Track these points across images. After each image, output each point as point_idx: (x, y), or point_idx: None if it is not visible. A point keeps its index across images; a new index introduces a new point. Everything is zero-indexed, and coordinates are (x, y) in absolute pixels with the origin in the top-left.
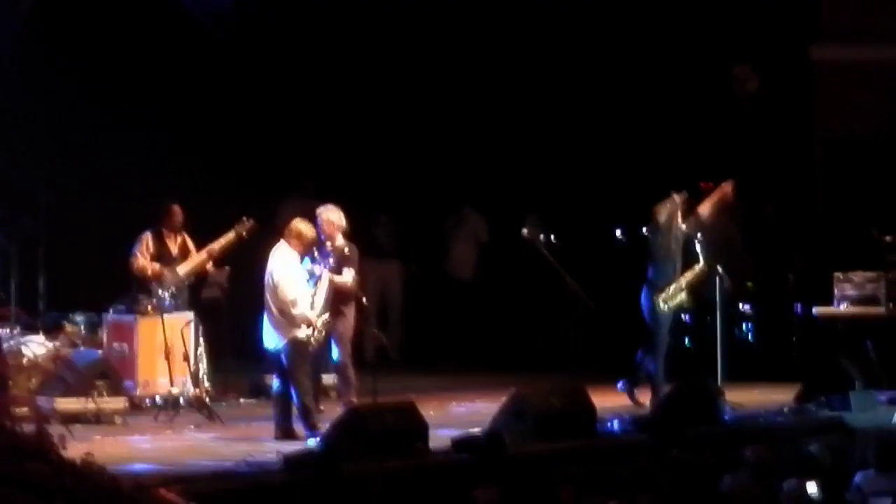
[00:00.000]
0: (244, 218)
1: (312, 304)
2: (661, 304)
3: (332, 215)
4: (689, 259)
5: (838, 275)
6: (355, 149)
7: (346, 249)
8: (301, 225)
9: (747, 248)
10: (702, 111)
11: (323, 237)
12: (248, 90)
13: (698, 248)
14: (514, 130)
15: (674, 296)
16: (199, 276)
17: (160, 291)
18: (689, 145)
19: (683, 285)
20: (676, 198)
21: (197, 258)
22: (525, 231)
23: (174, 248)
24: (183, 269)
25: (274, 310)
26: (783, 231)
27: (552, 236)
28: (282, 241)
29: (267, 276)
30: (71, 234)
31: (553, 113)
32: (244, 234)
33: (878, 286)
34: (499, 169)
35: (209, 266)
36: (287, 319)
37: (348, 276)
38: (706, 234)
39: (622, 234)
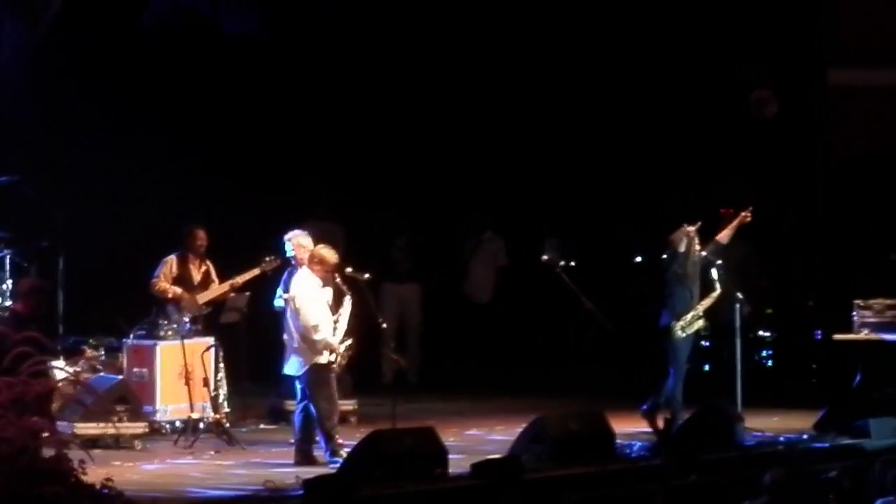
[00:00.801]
0: (270, 256)
1: (335, 329)
2: (679, 331)
3: (304, 240)
4: (707, 284)
5: (858, 301)
6: (376, 171)
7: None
8: (324, 251)
9: (765, 274)
10: (721, 135)
11: (294, 262)
12: (269, 114)
13: (715, 273)
14: (537, 155)
15: (691, 323)
16: (219, 301)
17: (177, 315)
18: (708, 169)
19: (700, 312)
20: (689, 228)
21: (218, 289)
22: (545, 255)
23: (197, 275)
24: (203, 297)
25: (296, 335)
26: (802, 255)
27: (571, 260)
28: (304, 265)
29: (288, 301)
30: (90, 258)
31: (575, 138)
32: (269, 271)
33: None
34: (519, 193)
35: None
36: (308, 345)
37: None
38: (725, 259)
39: (642, 259)
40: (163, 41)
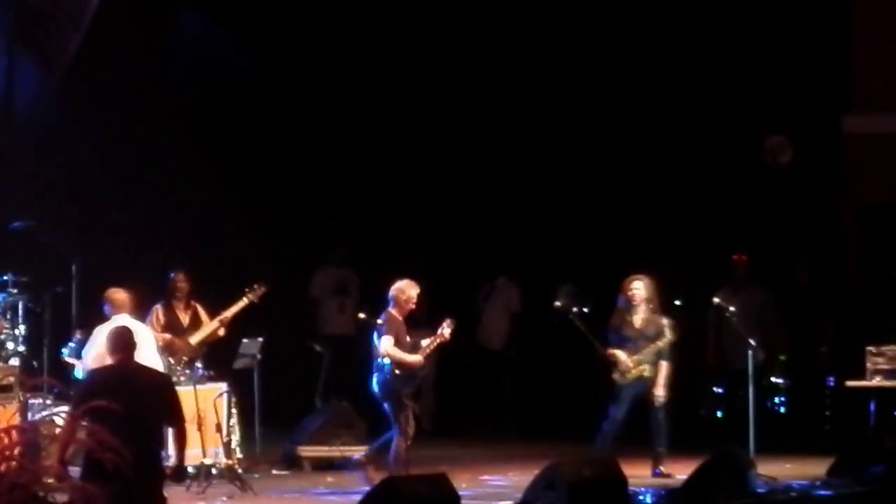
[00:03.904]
0: (255, 284)
1: None
2: (617, 376)
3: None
4: (723, 329)
5: (871, 348)
6: (390, 217)
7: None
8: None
9: (780, 320)
10: (735, 182)
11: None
12: (280, 160)
13: (665, 321)
14: (551, 201)
15: (630, 370)
16: (220, 343)
17: (172, 363)
18: (723, 216)
19: (644, 359)
20: (646, 279)
21: (209, 327)
22: (558, 302)
23: (185, 319)
24: (196, 338)
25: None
26: (815, 302)
27: (585, 307)
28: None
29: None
30: (101, 303)
31: (588, 185)
32: (256, 300)
33: None
34: (534, 239)
35: (222, 334)
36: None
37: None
38: (743, 306)
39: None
40: (178, 84)
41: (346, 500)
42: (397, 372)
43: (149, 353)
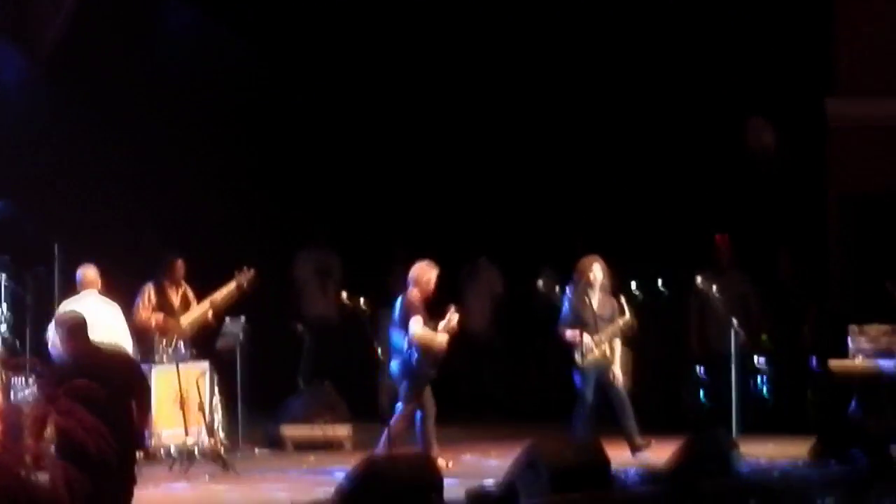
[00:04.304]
0: (245, 267)
1: None
2: (578, 357)
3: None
4: (706, 312)
5: (854, 328)
6: (370, 199)
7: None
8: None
9: (762, 302)
10: (716, 165)
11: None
12: (262, 144)
13: (623, 299)
14: (532, 182)
15: (591, 350)
16: (207, 326)
17: (163, 343)
18: (704, 199)
19: (603, 339)
20: (601, 261)
21: (199, 308)
22: (540, 283)
23: (176, 300)
24: (186, 319)
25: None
26: (798, 284)
27: (567, 289)
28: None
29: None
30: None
31: (569, 166)
32: (244, 283)
33: (893, 339)
34: (515, 221)
35: (211, 316)
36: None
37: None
38: (726, 291)
39: (636, 287)
40: (163, 69)
41: (329, 479)
42: (424, 354)
43: (120, 331)
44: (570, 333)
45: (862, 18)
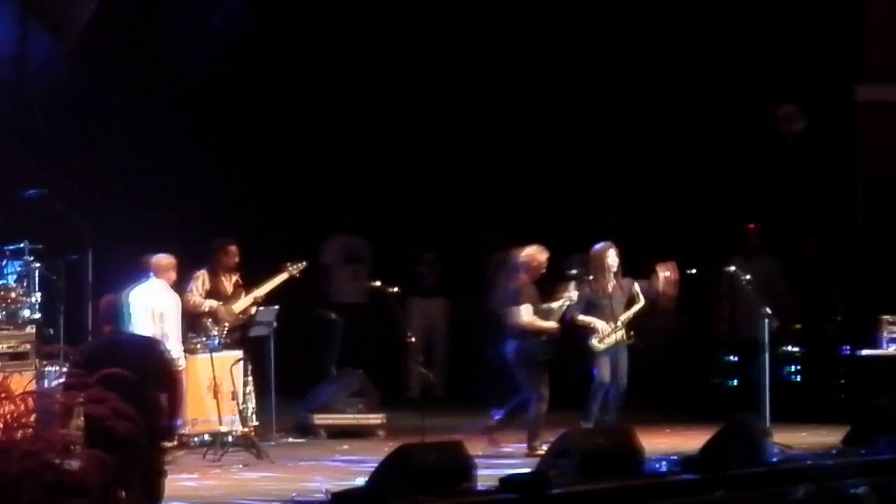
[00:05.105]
0: (298, 261)
1: None
2: (596, 342)
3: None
4: (737, 297)
5: (886, 317)
6: (401, 186)
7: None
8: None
9: (792, 289)
10: (747, 150)
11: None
12: (293, 130)
13: (637, 287)
14: (565, 170)
15: (609, 335)
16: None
17: (215, 329)
18: (734, 185)
19: (619, 324)
20: (611, 245)
21: (249, 298)
22: (570, 270)
23: (228, 287)
24: (239, 306)
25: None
26: (828, 271)
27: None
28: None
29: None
30: (118, 271)
31: (601, 153)
32: (297, 273)
33: None
34: (545, 208)
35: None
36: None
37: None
38: (753, 275)
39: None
40: (192, 53)
41: (361, 468)
42: (537, 339)
43: (172, 322)
44: (585, 319)
45: (892, 4)
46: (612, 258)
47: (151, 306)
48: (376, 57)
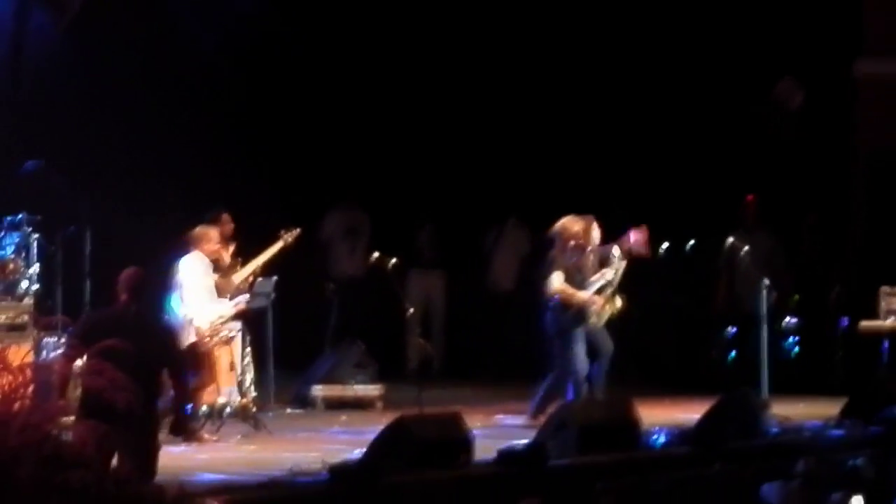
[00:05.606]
0: (291, 227)
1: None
2: (594, 318)
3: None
4: (736, 272)
5: (885, 288)
6: (399, 159)
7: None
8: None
9: (791, 262)
10: (745, 125)
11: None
12: (289, 103)
13: (616, 250)
14: (559, 143)
15: (603, 307)
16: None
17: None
18: (732, 161)
19: (609, 296)
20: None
21: (248, 268)
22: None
23: (227, 258)
24: (238, 276)
25: None
26: (827, 244)
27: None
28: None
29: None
30: (115, 242)
31: (597, 126)
32: (291, 241)
33: None
34: (543, 181)
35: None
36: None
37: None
38: (753, 249)
39: (666, 247)
40: (191, 27)
41: (360, 439)
42: (569, 310)
43: (192, 297)
44: (588, 298)
45: None
46: (595, 233)
47: (190, 280)
48: (380, 29)
